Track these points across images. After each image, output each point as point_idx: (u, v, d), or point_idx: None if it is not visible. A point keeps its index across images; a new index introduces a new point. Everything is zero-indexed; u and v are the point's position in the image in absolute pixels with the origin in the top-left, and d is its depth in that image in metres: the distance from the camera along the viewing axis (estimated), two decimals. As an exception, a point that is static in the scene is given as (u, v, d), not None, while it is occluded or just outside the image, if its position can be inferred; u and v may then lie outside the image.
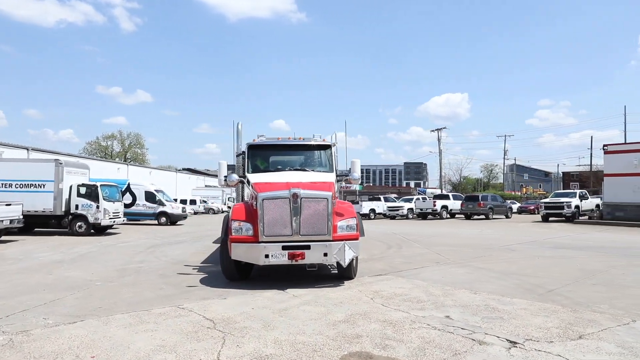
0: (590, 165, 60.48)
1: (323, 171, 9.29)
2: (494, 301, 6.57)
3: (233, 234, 7.50)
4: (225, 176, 9.12)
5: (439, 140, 64.75)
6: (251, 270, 8.53)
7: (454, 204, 33.25)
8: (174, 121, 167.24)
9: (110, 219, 18.48)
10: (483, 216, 31.59)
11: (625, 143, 24.56)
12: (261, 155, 9.58)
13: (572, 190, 30.89)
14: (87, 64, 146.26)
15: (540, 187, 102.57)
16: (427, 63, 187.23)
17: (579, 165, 76.99)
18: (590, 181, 57.75)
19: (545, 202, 27.69)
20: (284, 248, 7.31)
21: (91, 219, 17.93)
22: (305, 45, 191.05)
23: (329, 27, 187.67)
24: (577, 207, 26.80)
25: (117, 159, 65.69)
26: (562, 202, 26.44)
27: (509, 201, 39.52)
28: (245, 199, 9.53)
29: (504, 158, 72.06)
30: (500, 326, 5.31)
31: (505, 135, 76.60)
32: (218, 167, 9.28)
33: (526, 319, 5.60)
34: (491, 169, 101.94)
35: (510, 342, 4.76)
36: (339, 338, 4.83)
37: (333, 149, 9.67)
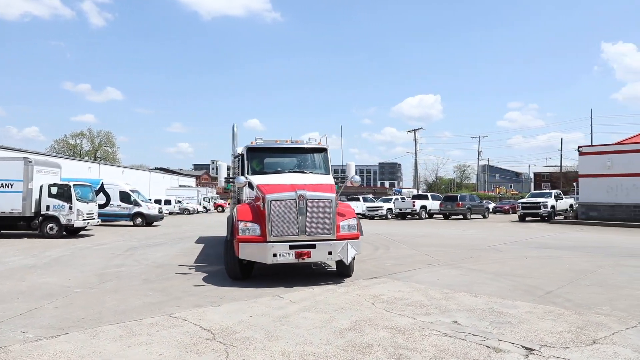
0: (560, 166, 62.24)
1: (320, 173, 9.58)
2: (497, 304, 6.43)
3: (240, 234, 7.67)
4: (226, 177, 9.31)
5: (415, 140, 65.43)
6: (252, 270, 8.62)
7: (433, 204, 33.50)
8: (146, 120, 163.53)
9: (83, 220, 17.65)
10: (461, 216, 31.93)
11: (599, 145, 25.21)
12: (260, 158, 9.75)
13: (547, 191, 31.60)
14: (54, 59, 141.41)
15: (511, 187, 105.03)
16: (401, 64, 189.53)
17: (547, 166, 79.26)
18: (560, 182, 59.41)
19: (522, 202, 28.20)
20: (291, 247, 7.60)
21: (63, 221, 17.07)
22: (279, 45, 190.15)
23: (303, 26, 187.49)
24: (552, 207, 27.39)
25: (86, 158, 63.50)
26: (539, 202, 26.97)
27: (485, 201, 40.13)
28: (245, 199, 9.46)
29: (478, 159, 73.46)
30: (511, 331, 5.15)
31: (479, 137, 78.15)
32: (217, 168, 9.34)
33: (535, 323, 5.47)
34: (464, 170, 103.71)
35: (527, 348, 4.59)
36: (350, 348, 4.55)
37: (328, 151, 10.03)
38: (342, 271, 8.59)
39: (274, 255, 7.54)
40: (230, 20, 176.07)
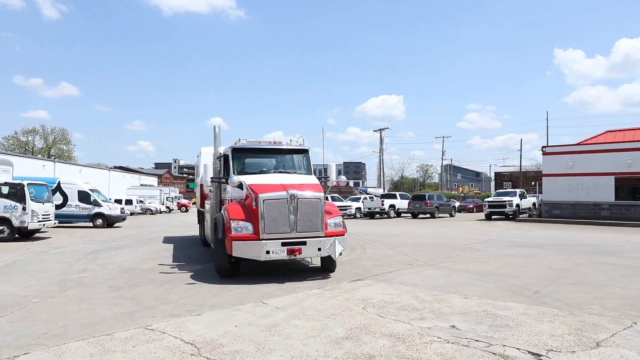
0: (520, 166, 64.47)
1: (303, 173, 9.87)
2: (490, 306, 6.25)
3: (233, 232, 7.93)
4: (212, 177, 9.59)
5: (381, 140, 66.03)
6: (239, 268, 8.78)
7: (401, 203, 33.71)
8: (104, 117, 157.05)
9: (39, 222, 16.43)
10: (429, 215, 32.29)
11: (561, 145, 26.05)
12: (245, 158, 9.92)
13: (512, 190, 32.45)
14: (3, 51, 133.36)
15: (472, 186, 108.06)
16: (365, 64, 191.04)
17: (505, 166, 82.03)
18: (520, 181, 61.56)
19: (489, 201, 28.80)
20: (283, 244, 7.95)
21: (16, 223, 15.82)
22: (243, 43, 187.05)
23: (268, 25, 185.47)
24: (517, 205, 28.11)
25: (39, 156, 60.15)
26: (505, 201, 27.62)
27: (451, 200, 40.82)
28: (228, 199, 9.54)
29: (442, 158, 74.92)
30: (512, 335, 4.94)
31: (443, 137, 79.83)
32: (203, 169, 9.64)
33: (533, 326, 5.30)
34: (426, 169, 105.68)
35: (533, 354, 4.38)
36: (351, 360, 4.19)
37: (309, 153, 10.36)
38: (327, 267, 9.09)
39: (267, 252, 7.87)
40: (193, 17, 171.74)
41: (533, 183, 54.77)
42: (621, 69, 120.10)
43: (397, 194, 36.89)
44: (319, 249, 8.22)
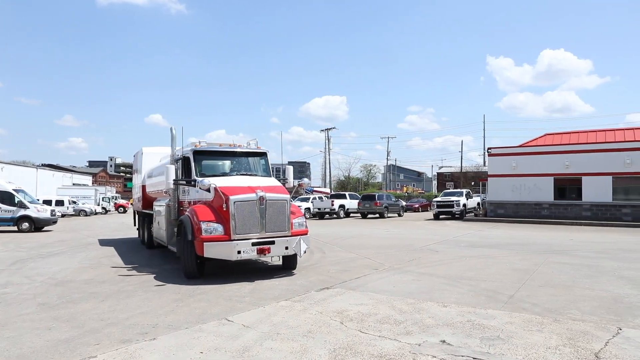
0: (461, 166, 67.00)
1: (264, 176, 10.15)
2: (473, 315, 5.91)
3: (204, 234, 8.14)
4: (175, 179, 9.59)
5: (327, 139, 66.10)
6: (204, 269, 8.99)
7: (351, 203, 33.62)
8: (31, 111, 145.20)
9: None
10: (378, 215, 32.44)
11: (506, 147, 27.03)
12: (206, 160, 9.93)
13: (459, 190, 33.35)
14: None
15: (413, 186, 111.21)
16: (309, 63, 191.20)
17: (443, 167, 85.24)
18: (460, 181, 63.98)
19: (437, 201, 29.33)
20: (253, 244, 8.31)
21: None
22: (185, 38, 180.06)
23: (210, 21, 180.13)
24: (464, 205, 28.88)
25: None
26: (452, 201, 28.26)
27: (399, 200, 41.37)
28: (187, 200, 9.84)
29: (387, 159, 76.31)
30: (508, 349, 4.58)
31: (388, 137, 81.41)
32: (165, 171, 9.55)
33: (525, 337, 4.98)
34: (370, 169, 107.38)
35: (538, 372, 4.01)
36: (346, 392, 3.59)
37: (268, 155, 10.65)
38: (288, 265, 9.50)
39: (239, 252, 8.17)
40: (130, 9, 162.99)
41: (473, 183, 57.09)
42: (545, 77, 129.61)
43: (347, 194, 36.80)
44: (286, 248, 8.69)
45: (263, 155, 10.56)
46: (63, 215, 40.21)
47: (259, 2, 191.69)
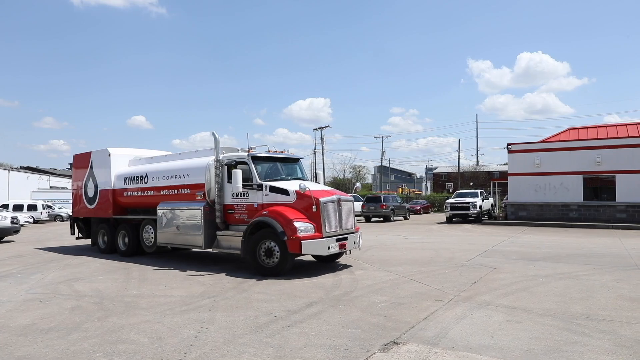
0: (458, 166, 64.85)
1: (307, 180, 11.29)
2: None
3: (300, 233, 9.00)
4: (245, 184, 10.06)
5: (321, 139, 63.65)
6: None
7: (356, 206, 30.91)
8: (8, 112, 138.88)
9: None
10: (383, 218, 29.82)
11: (527, 142, 24.61)
12: (260, 165, 10.52)
13: (473, 190, 30.71)
14: None
15: (404, 186, 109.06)
16: (292, 65, 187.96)
17: (430, 167, 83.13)
18: (458, 182, 61.75)
19: (451, 203, 26.61)
20: (336, 240, 9.47)
21: None
22: (165, 39, 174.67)
23: (192, 23, 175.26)
24: (480, 207, 26.35)
25: None
26: (468, 203, 25.66)
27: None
28: (250, 203, 10.27)
29: (382, 158, 74.01)
30: None
31: (382, 137, 79.41)
32: (234, 175, 9.89)
33: None
34: (359, 170, 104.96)
35: None
36: None
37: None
38: (324, 259, 10.67)
39: (328, 248, 9.21)
40: (108, 11, 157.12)
41: (472, 183, 54.89)
42: (523, 79, 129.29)
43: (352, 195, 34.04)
44: (354, 242, 10.05)
45: (299, 161, 11.50)
46: (36, 221, 36.90)
47: (239, 4, 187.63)
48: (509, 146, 24.36)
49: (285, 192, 9.73)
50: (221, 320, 6.08)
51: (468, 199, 26.14)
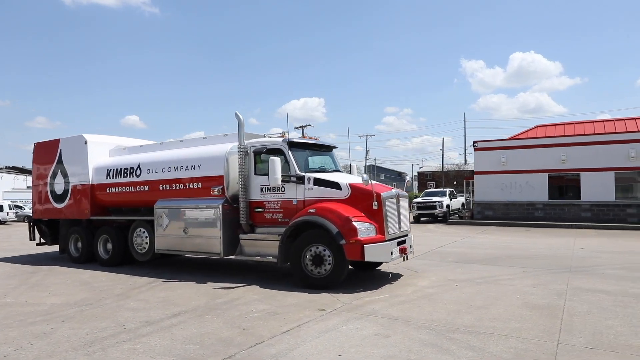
0: (442, 165, 64.39)
1: (342, 172, 9.53)
2: None
3: (363, 235, 7.38)
4: (284, 175, 8.27)
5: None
6: None
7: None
8: (0, 112, 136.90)
9: None
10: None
11: (494, 140, 24.01)
12: (299, 154, 8.76)
13: (441, 189, 30.12)
14: None
15: (394, 186, 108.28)
16: (286, 65, 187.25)
17: (422, 167, 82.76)
18: (442, 180, 61.26)
19: (417, 202, 25.97)
20: (397, 244, 7.94)
21: None
22: (158, 39, 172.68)
23: (186, 23, 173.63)
24: (447, 206, 25.74)
25: None
26: (435, 202, 25.02)
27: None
28: (288, 199, 8.45)
29: (366, 158, 73.40)
30: None
31: (366, 135, 78.88)
32: (271, 164, 8.10)
33: None
34: (349, 170, 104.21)
35: None
36: None
37: None
38: (371, 265, 9.04)
39: (391, 253, 7.68)
40: (100, 11, 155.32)
41: (455, 182, 54.41)
42: (516, 79, 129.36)
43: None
44: (411, 246, 8.52)
45: (332, 150, 9.78)
46: (3, 222, 35.97)
47: (234, 4, 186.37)
48: (475, 144, 23.75)
49: (335, 185, 8.10)
50: (60, 334, 5.39)
51: (435, 198, 25.51)
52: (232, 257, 8.92)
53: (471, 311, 6.12)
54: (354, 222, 7.42)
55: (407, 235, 8.55)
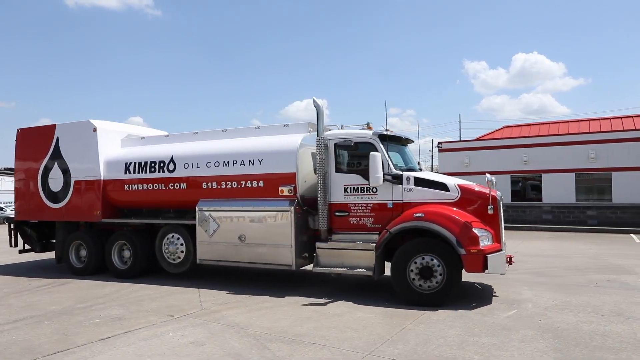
0: (432, 166, 64.12)
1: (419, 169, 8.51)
2: None
3: (485, 244, 6.55)
4: (385, 173, 7.20)
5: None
6: None
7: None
8: (5, 113, 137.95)
9: None
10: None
11: (458, 141, 23.89)
12: (391, 150, 7.65)
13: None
14: None
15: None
16: (288, 66, 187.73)
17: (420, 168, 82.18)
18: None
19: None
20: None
21: None
22: (160, 40, 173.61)
23: (188, 25, 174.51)
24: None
25: None
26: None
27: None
28: (382, 201, 7.33)
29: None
30: None
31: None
32: (371, 160, 7.08)
33: None
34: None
35: None
36: None
37: None
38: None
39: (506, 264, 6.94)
40: (102, 13, 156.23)
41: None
42: (519, 80, 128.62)
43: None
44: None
45: (407, 145, 8.78)
46: (-19, 224, 36.06)
47: (237, 5, 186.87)
48: (439, 145, 23.57)
49: (442, 186, 7.14)
50: None
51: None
52: (309, 268, 7.87)
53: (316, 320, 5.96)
54: (474, 230, 6.55)
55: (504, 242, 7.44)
